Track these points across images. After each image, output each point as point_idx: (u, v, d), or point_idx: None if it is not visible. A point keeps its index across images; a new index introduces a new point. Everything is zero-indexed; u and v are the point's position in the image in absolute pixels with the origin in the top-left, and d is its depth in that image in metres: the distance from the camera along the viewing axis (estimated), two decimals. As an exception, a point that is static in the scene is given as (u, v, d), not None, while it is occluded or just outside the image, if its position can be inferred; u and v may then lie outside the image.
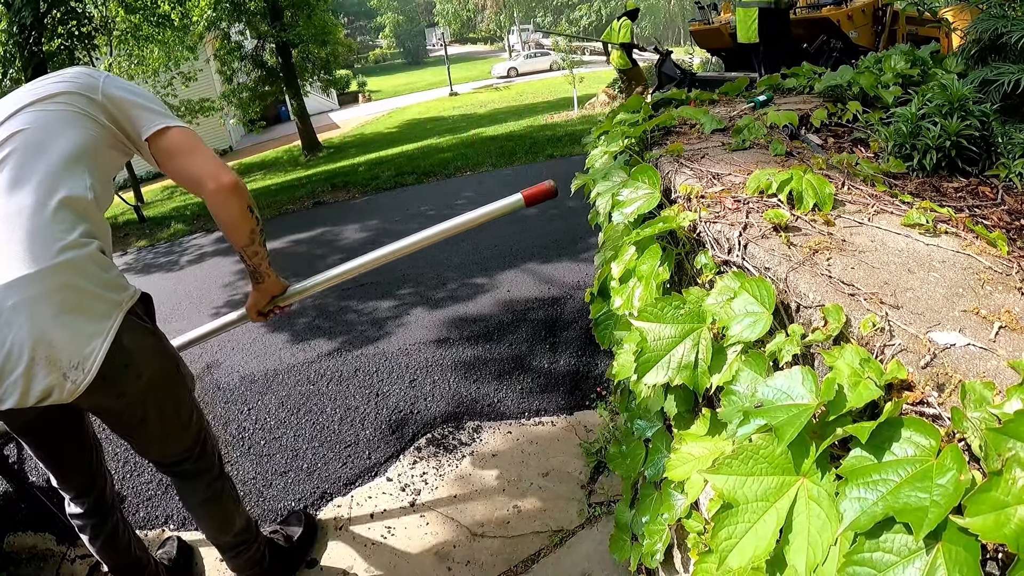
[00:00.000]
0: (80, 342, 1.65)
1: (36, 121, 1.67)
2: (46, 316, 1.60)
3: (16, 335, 1.59)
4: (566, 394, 3.27)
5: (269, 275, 2.12)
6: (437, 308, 4.62)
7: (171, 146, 1.79)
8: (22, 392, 1.64)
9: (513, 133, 14.12)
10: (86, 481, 2.11)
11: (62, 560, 2.86)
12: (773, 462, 0.95)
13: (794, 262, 1.19)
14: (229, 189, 1.81)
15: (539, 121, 17.20)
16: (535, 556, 2.38)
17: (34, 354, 1.60)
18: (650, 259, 1.53)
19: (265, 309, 2.22)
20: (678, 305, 1.28)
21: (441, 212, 7.35)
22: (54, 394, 1.66)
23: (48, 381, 1.64)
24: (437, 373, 3.69)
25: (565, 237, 5.59)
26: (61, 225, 1.63)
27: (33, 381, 1.63)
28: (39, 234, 1.60)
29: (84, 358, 1.66)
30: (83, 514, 2.13)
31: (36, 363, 1.61)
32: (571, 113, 18.99)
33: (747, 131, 1.96)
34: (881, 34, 9.53)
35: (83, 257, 1.66)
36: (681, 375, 1.23)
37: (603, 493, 2.58)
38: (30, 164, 1.63)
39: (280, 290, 2.21)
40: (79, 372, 1.66)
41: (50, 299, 1.61)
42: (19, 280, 1.58)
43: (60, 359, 1.63)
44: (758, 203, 1.48)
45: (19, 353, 1.60)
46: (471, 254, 5.64)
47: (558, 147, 10.57)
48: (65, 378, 1.65)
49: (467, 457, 2.94)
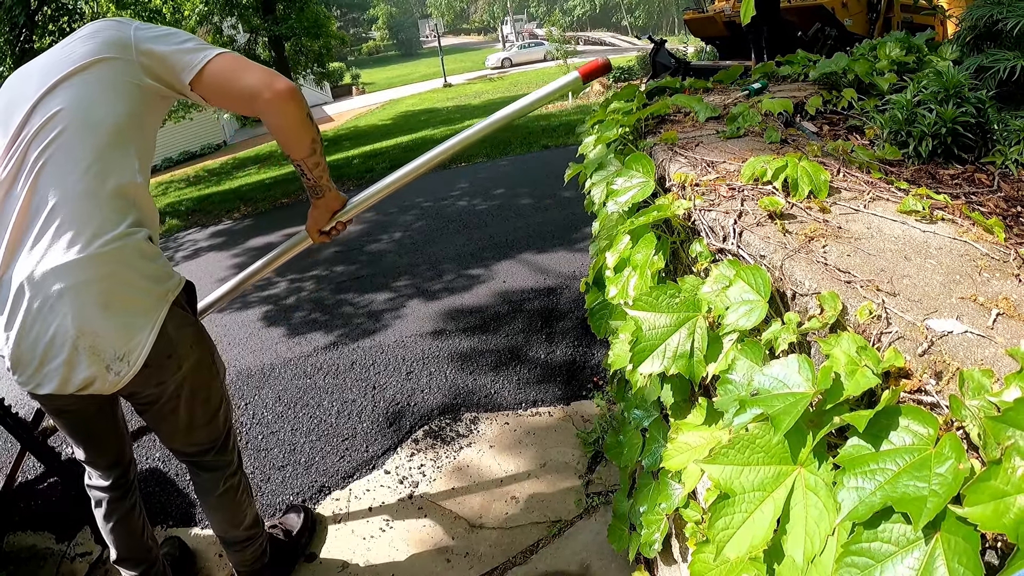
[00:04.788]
0: (126, 334, 1.64)
1: (78, 97, 1.60)
2: (92, 305, 1.59)
3: (61, 322, 1.57)
4: (563, 384, 3.27)
5: (329, 188, 2.02)
6: (433, 300, 4.62)
7: (215, 79, 1.69)
8: (62, 380, 1.63)
9: (508, 124, 14.08)
10: (114, 459, 2.09)
11: (62, 559, 2.85)
12: (770, 451, 0.94)
13: (790, 249, 1.18)
14: (287, 95, 1.70)
15: (533, 112, 17.16)
16: (533, 547, 2.38)
17: (77, 344, 1.59)
18: (645, 248, 1.52)
19: (327, 227, 2.11)
20: (673, 294, 1.27)
21: (437, 203, 7.36)
22: (95, 384, 1.66)
23: (90, 372, 1.63)
24: (434, 365, 3.69)
25: (560, 227, 5.59)
26: (112, 214, 1.61)
27: (75, 370, 1.62)
28: (89, 221, 1.57)
29: (129, 351, 1.65)
30: (105, 487, 2.11)
31: (79, 352, 1.60)
32: (565, 103, 18.94)
33: (742, 119, 1.95)
34: (876, 21, 9.53)
35: (132, 247, 1.63)
36: (677, 364, 1.22)
37: (601, 483, 2.58)
38: (78, 146, 1.58)
39: (341, 204, 2.09)
40: (123, 364, 1.65)
41: (96, 288, 1.59)
42: (66, 265, 1.55)
43: (104, 350, 1.62)
44: (753, 191, 1.47)
45: (62, 341, 1.59)
46: (466, 245, 5.64)
47: (553, 137, 10.55)
48: (108, 370, 1.64)
49: (464, 449, 2.94)
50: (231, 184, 13.58)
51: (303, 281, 5.53)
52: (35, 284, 1.56)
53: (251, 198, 10.28)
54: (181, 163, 25.51)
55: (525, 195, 6.99)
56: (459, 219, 6.57)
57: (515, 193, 7.16)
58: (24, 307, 1.58)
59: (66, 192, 1.56)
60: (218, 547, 2.61)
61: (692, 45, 24.60)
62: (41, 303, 1.57)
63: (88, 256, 1.56)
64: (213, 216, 9.46)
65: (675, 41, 28.21)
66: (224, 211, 9.70)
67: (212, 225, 8.91)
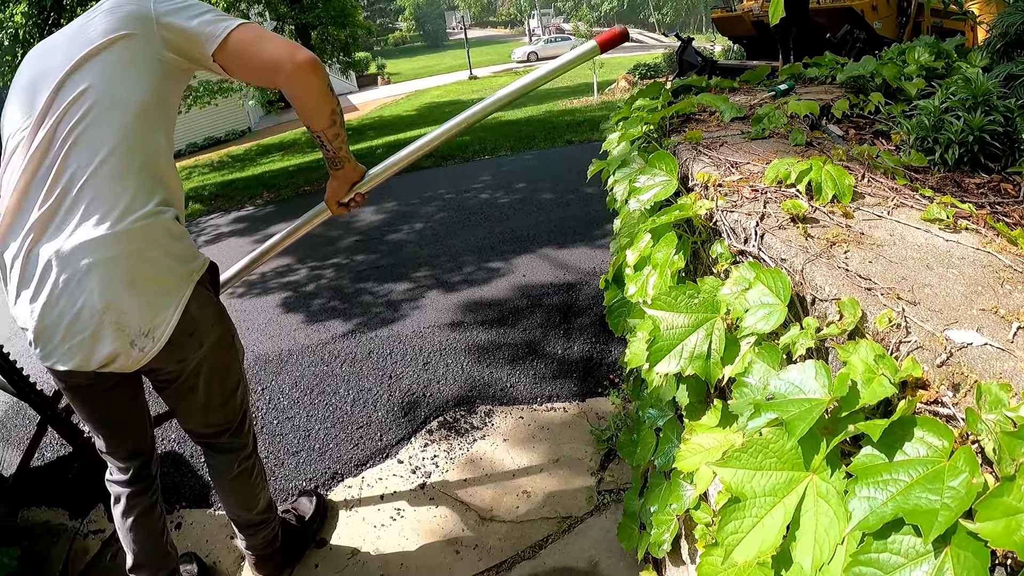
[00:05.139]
0: (151, 311, 1.66)
1: (104, 76, 1.60)
2: (119, 281, 1.60)
3: (88, 297, 1.58)
4: (579, 380, 3.27)
5: (348, 160, 2.02)
6: (452, 292, 4.63)
7: (237, 50, 1.69)
8: (85, 355, 1.64)
9: (532, 118, 14.05)
10: (133, 447, 2.08)
11: (75, 535, 2.89)
12: (783, 457, 0.94)
13: (811, 254, 1.17)
14: (308, 67, 1.69)
15: (558, 106, 17.10)
16: (543, 542, 2.39)
17: (103, 319, 1.60)
18: (665, 247, 1.51)
19: (346, 198, 2.10)
20: (692, 294, 1.27)
21: (459, 195, 7.37)
22: (119, 360, 1.67)
23: (114, 347, 1.64)
24: (451, 356, 3.70)
25: (582, 223, 5.58)
26: (140, 192, 1.62)
27: (98, 345, 1.63)
28: (118, 199, 1.59)
29: (155, 327, 1.66)
30: (124, 481, 2.09)
31: (104, 328, 1.61)
32: (590, 99, 18.88)
33: (767, 120, 1.94)
34: (905, 26, 9.43)
35: (160, 226, 1.65)
36: (693, 365, 1.22)
37: (613, 481, 2.58)
38: (106, 124, 1.59)
39: (359, 176, 2.09)
40: (148, 340, 1.67)
41: (124, 264, 1.60)
42: (95, 241, 1.56)
43: (129, 326, 1.63)
44: (776, 193, 1.46)
45: (89, 316, 1.59)
46: (487, 238, 5.65)
47: (577, 132, 10.52)
48: (132, 345, 1.65)
49: (478, 441, 2.95)
50: (254, 170, 13.65)
51: (323, 269, 5.56)
52: (63, 259, 1.57)
53: (274, 185, 10.34)
54: (205, 148, 25.67)
55: (547, 190, 6.98)
56: (481, 212, 6.57)
57: (537, 187, 7.15)
58: (51, 281, 1.58)
59: (95, 170, 1.57)
60: (229, 530, 2.63)
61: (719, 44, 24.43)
62: (68, 277, 1.57)
63: (117, 232, 1.57)
64: (236, 202, 9.53)
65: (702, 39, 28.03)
66: (247, 197, 9.77)
67: (234, 211, 8.98)
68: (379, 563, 2.41)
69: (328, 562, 2.46)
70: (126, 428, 2.04)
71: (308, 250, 6.04)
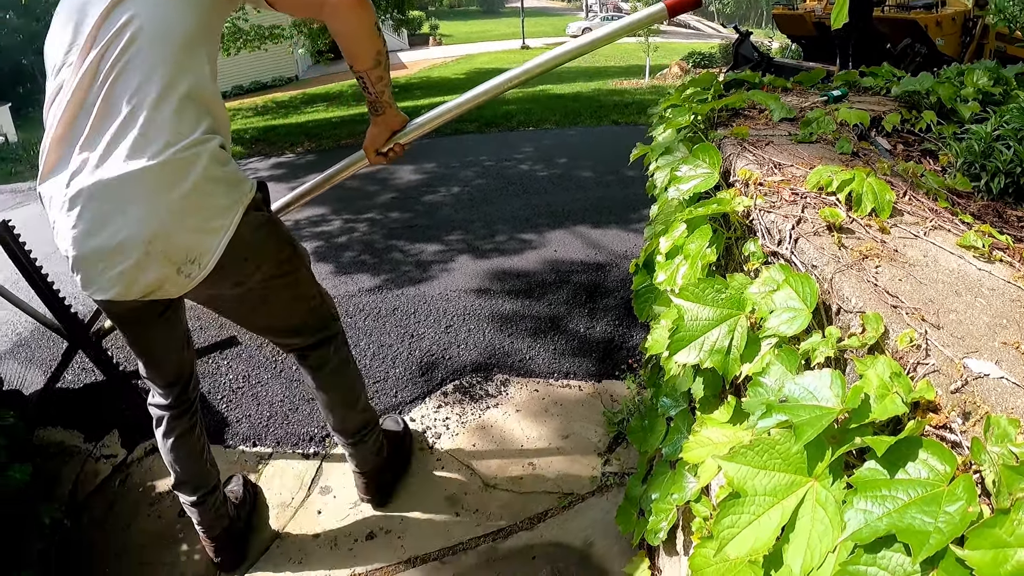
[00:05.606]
0: (198, 238, 1.65)
1: (149, 5, 1.59)
2: (165, 210, 1.59)
3: (133, 227, 1.58)
4: (597, 361, 3.28)
5: (390, 106, 1.99)
6: (482, 258, 4.65)
7: None
8: (127, 283, 1.64)
9: (580, 94, 13.94)
10: (174, 373, 2.10)
11: (87, 457, 2.97)
12: (787, 459, 0.95)
13: (842, 264, 1.18)
14: (356, 1, 1.68)
15: (608, 85, 16.95)
16: (542, 515, 2.42)
17: (149, 248, 1.60)
18: (699, 239, 1.52)
19: (384, 147, 2.08)
20: (720, 289, 1.28)
21: (499, 163, 7.37)
22: (164, 288, 1.68)
23: (159, 275, 1.64)
24: (473, 322, 3.74)
25: (619, 204, 5.55)
26: (186, 121, 1.61)
27: (143, 274, 1.63)
28: (164, 128, 1.58)
29: (201, 253, 1.66)
30: (165, 405, 2.13)
31: (150, 257, 1.61)
32: (641, 81, 18.68)
33: (816, 124, 1.92)
34: (968, 46, 9.20)
35: (207, 154, 1.64)
36: (712, 359, 1.23)
37: (619, 464, 2.61)
38: (152, 54, 1.57)
39: (401, 124, 2.07)
40: (194, 267, 1.67)
41: (170, 193, 1.59)
42: (141, 171, 1.56)
43: (175, 253, 1.63)
44: (816, 199, 1.46)
45: (133, 245, 1.59)
46: (523, 209, 5.65)
47: (624, 114, 10.42)
48: (179, 272, 1.65)
49: (491, 409, 2.98)
50: (298, 119, 13.73)
51: (357, 222, 5.61)
52: (109, 188, 1.56)
53: (316, 134, 10.39)
54: (251, 92, 25.82)
55: (587, 168, 6.94)
56: (519, 182, 6.56)
57: (578, 165, 7.11)
58: (96, 210, 1.58)
59: (141, 100, 1.56)
60: (241, 466, 2.70)
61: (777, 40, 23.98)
62: (114, 207, 1.57)
63: (163, 162, 1.57)
64: (276, 148, 9.60)
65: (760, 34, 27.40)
66: (288, 144, 9.84)
67: (274, 156, 9.06)
68: (379, 515, 2.47)
69: (330, 509, 2.52)
70: (167, 355, 2.07)
71: (344, 203, 6.09)
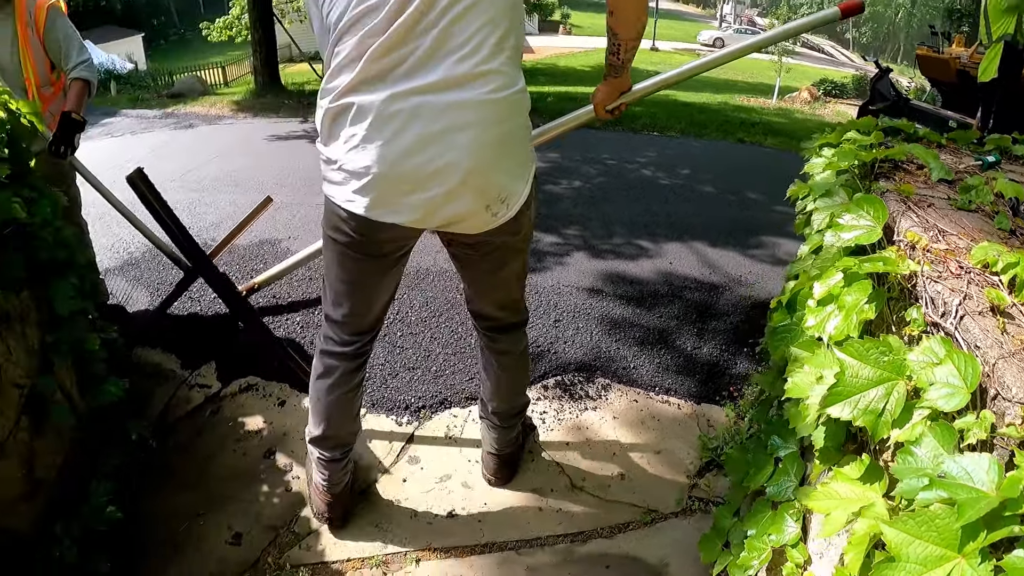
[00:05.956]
0: (511, 180, 1.74)
1: None
2: (491, 146, 1.65)
3: (457, 154, 1.62)
4: (699, 382, 3.26)
5: (626, 71, 2.11)
6: (597, 258, 4.66)
7: None
8: (429, 211, 1.68)
9: (707, 106, 13.73)
10: (372, 321, 2.12)
11: (181, 383, 3.09)
12: (942, 533, 0.97)
13: (1004, 351, 1.16)
14: None
15: (734, 100, 16.64)
16: (623, 526, 2.43)
17: (467, 179, 1.64)
18: (857, 293, 1.50)
19: (611, 106, 2.22)
20: (884, 351, 1.28)
21: (621, 163, 7.37)
22: (467, 221, 1.74)
23: (467, 208, 1.70)
24: (582, 320, 3.76)
25: (738, 226, 5.44)
26: (514, 69, 1.69)
27: (450, 204, 1.67)
28: (500, 70, 1.63)
29: (510, 195, 1.75)
30: (344, 354, 2.12)
31: (466, 188, 1.66)
32: (768, 101, 18.29)
33: (975, 193, 1.86)
34: None
35: (526, 103, 1.75)
36: (865, 418, 1.23)
37: (706, 490, 2.59)
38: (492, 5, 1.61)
39: (628, 87, 2.20)
40: (503, 207, 1.75)
41: (498, 131, 1.66)
42: (476, 102, 1.61)
43: (489, 191, 1.70)
44: (979, 276, 1.43)
45: (451, 171, 1.63)
46: (642, 215, 5.63)
47: (750, 133, 10.22)
48: (487, 210, 1.72)
49: (589, 411, 3.00)
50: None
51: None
52: (440, 110, 1.59)
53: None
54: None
55: (709, 182, 6.83)
56: (640, 186, 6.54)
57: (699, 178, 7.01)
58: (419, 131, 1.59)
59: (482, 41, 1.60)
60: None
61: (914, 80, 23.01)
62: (443, 130, 1.60)
63: (498, 100, 1.64)
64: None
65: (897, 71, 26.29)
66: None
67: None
68: (463, 494, 2.52)
69: (416, 479, 2.58)
70: (380, 300, 2.08)
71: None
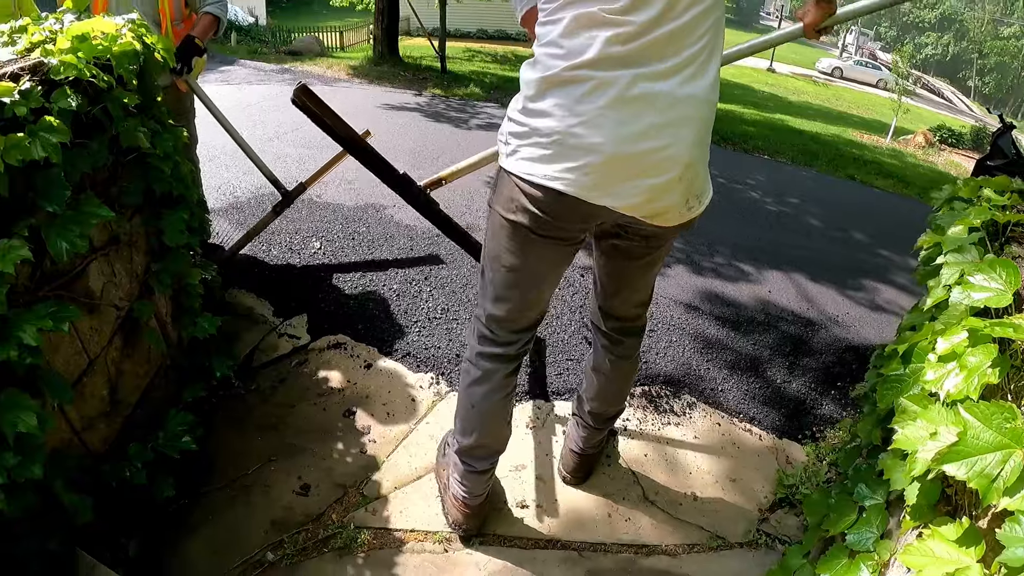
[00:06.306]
0: (706, 177, 1.76)
1: None
2: (700, 143, 1.67)
3: (680, 146, 1.63)
4: (783, 417, 3.22)
5: None
6: (698, 274, 4.66)
7: None
8: (643, 199, 1.66)
9: (819, 136, 13.40)
10: (538, 313, 2.07)
11: (271, 330, 3.18)
12: (1041, 602, 0.98)
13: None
14: None
15: (847, 134, 16.18)
16: (688, 547, 2.43)
17: (683, 172, 1.65)
18: (982, 355, 1.48)
19: (821, 26, 2.10)
20: (1008, 418, 1.27)
21: (730, 183, 7.32)
22: (668, 214, 1.72)
23: (674, 201, 1.69)
24: (676, 335, 3.76)
25: (841, 265, 5.33)
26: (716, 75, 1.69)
27: (665, 194, 1.67)
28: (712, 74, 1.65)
29: (704, 191, 1.77)
30: (504, 356, 2.06)
31: (680, 181, 1.66)
32: (882, 140, 17.73)
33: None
34: None
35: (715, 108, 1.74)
36: (978, 481, 1.23)
37: (775, 527, 2.56)
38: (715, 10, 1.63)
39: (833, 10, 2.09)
40: (697, 203, 1.75)
41: (704, 127, 1.67)
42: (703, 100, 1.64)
43: (694, 185, 1.71)
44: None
45: (674, 163, 1.63)
46: (745, 239, 5.58)
47: (861, 171, 9.94)
48: (686, 203, 1.72)
49: (671, 426, 3.00)
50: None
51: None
52: (672, 101, 1.59)
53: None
54: (492, 39, 26.61)
55: (816, 216, 6.70)
56: (747, 209, 6.48)
57: (807, 210, 6.88)
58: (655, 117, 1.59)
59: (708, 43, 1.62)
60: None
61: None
62: (672, 121, 1.60)
63: (712, 101, 1.67)
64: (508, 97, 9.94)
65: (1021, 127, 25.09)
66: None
67: (507, 108, 9.38)
68: (536, 486, 2.56)
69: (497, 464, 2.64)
70: (550, 291, 2.04)
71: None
